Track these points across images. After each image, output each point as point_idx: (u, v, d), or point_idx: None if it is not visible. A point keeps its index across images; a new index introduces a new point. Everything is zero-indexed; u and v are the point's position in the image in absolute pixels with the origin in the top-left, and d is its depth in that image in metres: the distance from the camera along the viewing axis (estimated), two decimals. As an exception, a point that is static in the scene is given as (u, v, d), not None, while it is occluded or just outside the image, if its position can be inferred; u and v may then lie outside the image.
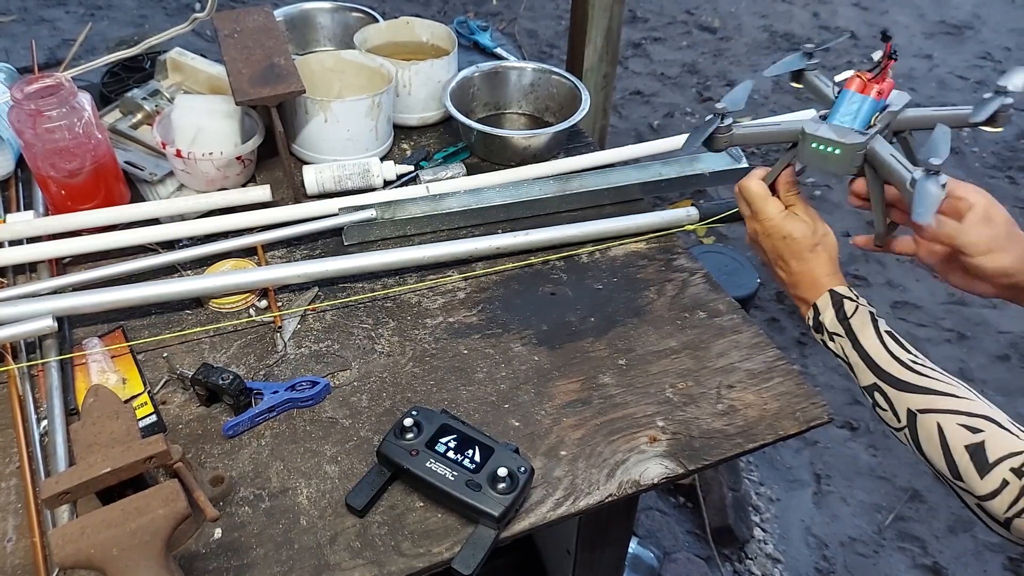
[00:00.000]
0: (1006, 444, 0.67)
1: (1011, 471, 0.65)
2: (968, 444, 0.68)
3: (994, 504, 0.66)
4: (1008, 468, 0.65)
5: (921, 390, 0.73)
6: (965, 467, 0.68)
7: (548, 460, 0.85)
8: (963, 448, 0.68)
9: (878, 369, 0.77)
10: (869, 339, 0.79)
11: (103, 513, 0.65)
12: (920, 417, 0.72)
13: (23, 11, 3.88)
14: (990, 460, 0.66)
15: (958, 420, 0.70)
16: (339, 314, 1.02)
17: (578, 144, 1.38)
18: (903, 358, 0.77)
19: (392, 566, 0.75)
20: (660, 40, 3.95)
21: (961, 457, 0.68)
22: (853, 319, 0.81)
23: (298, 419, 0.89)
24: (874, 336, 0.79)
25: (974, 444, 0.68)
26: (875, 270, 2.61)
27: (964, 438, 0.69)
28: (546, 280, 1.09)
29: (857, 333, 0.80)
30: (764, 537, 1.84)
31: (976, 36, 4.11)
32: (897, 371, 0.76)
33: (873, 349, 0.78)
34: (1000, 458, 0.66)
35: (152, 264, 1.02)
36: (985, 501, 0.66)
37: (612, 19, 1.89)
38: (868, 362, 0.78)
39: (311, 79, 1.25)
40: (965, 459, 0.68)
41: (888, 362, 0.77)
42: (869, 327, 0.80)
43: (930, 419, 0.71)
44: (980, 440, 0.68)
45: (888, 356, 0.77)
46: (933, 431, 0.71)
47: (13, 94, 1.01)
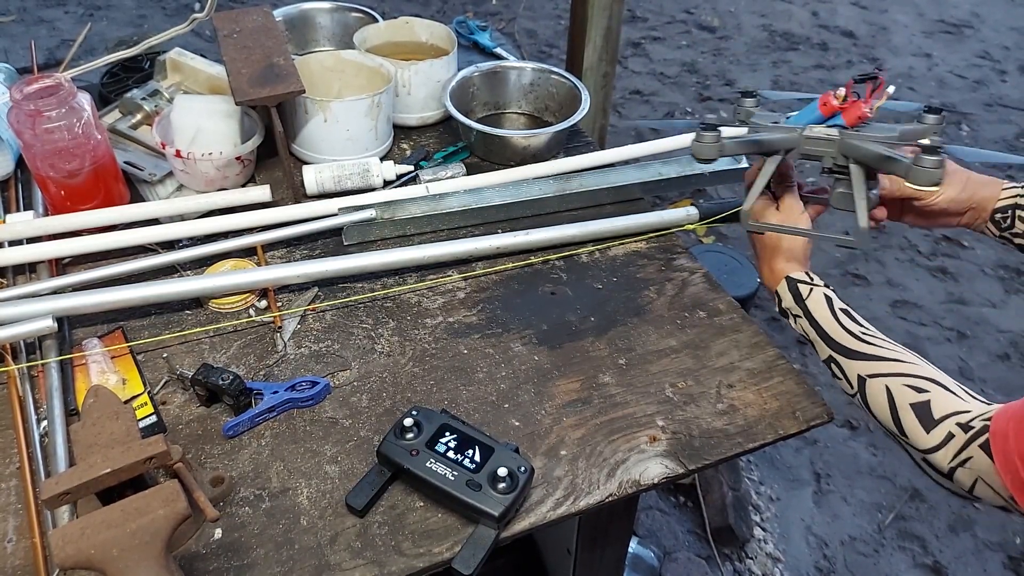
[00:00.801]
0: (950, 403, 0.72)
1: (957, 425, 0.70)
2: (913, 402, 0.74)
3: (938, 456, 0.71)
4: (955, 423, 0.70)
5: (869, 357, 0.80)
6: (910, 423, 0.73)
7: (548, 460, 0.85)
8: (908, 406, 0.74)
9: (832, 341, 0.84)
10: (823, 316, 0.86)
11: (103, 514, 0.65)
12: (869, 381, 0.79)
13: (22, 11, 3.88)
14: (935, 416, 0.72)
15: (904, 381, 0.76)
16: (339, 314, 1.02)
17: (578, 144, 1.38)
18: (854, 330, 0.84)
19: (392, 566, 0.75)
20: (659, 39, 3.95)
21: (906, 414, 0.74)
22: (808, 300, 0.89)
23: (298, 419, 0.89)
24: (828, 312, 0.86)
25: (919, 402, 0.74)
26: (875, 269, 2.61)
27: (910, 397, 0.75)
28: (546, 280, 1.09)
29: (812, 312, 0.88)
30: (764, 536, 1.84)
31: (975, 35, 4.11)
32: (848, 342, 0.83)
33: (827, 324, 0.86)
34: (945, 415, 0.72)
35: (152, 264, 1.02)
36: (929, 454, 0.72)
37: (611, 18, 1.89)
38: (823, 336, 0.86)
39: (311, 79, 1.25)
40: (910, 416, 0.74)
41: (840, 334, 0.84)
42: (823, 305, 0.87)
43: (878, 382, 0.78)
44: (925, 399, 0.73)
45: (840, 329, 0.84)
46: (881, 392, 0.77)
47: (12, 94, 1.01)
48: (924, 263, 2.66)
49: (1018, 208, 0.91)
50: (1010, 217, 0.91)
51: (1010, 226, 0.91)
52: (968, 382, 2.22)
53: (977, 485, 0.69)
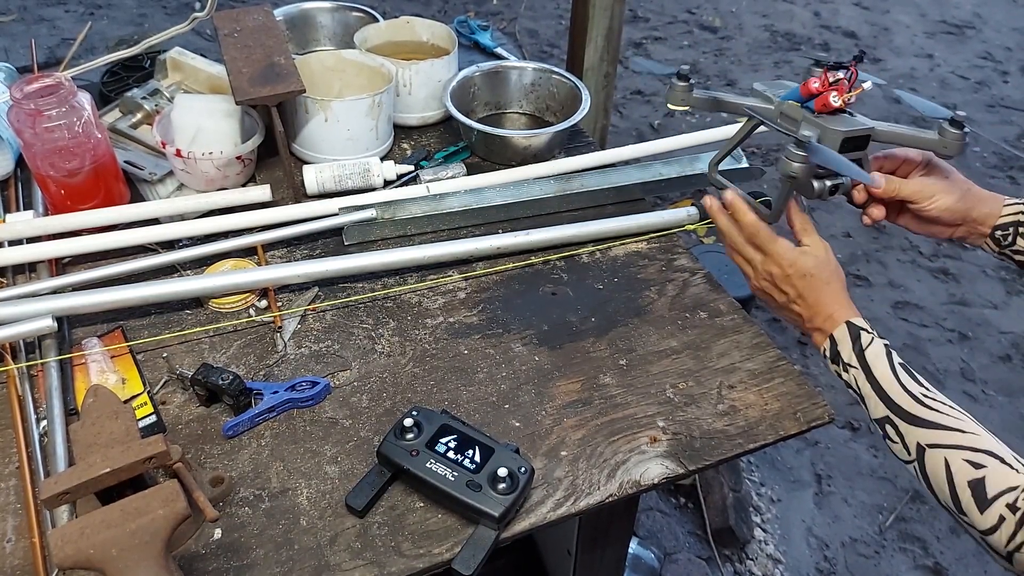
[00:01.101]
0: (1005, 479, 0.68)
1: (1006, 507, 0.66)
2: (971, 479, 0.69)
3: (994, 539, 0.67)
4: (1004, 504, 0.67)
5: (931, 424, 0.74)
6: (967, 502, 0.69)
7: (548, 460, 0.85)
8: (966, 483, 0.70)
9: (890, 402, 0.78)
10: (883, 372, 0.80)
11: (102, 513, 0.65)
12: (928, 451, 0.74)
13: (23, 10, 3.88)
14: (989, 496, 0.68)
15: (963, 456, 0.71)
16: (339, 314, 1.02)
17: (578, 144, 1.37)
18: (915, 392, 0.77)
19: (392, 567, 0.75)
20: (661, 40, 3.95)
21: (963, 492, 0.70)
22: (868, 351, 0.82)
23: (298, 419, 0.88)
24: (888, 369, 0.80)
25: (975, 479, 0.69)
26: (876, 270, 2.61)
27: (968, 473, 0.70)
28: (547, 280, 1.08)
29: (871, 366, 0.81)
30: (765, 538, 1.84)
31: (977, 36, 4.11)
32: (909, 405, 0.77)
33: (886, 382, 0.79)
34: (998, 493, 0.67)
35: (152, 264, 1.02)
36: (986, 536, 0.68)
37: (613, 19, 1.89)
38: (881, 395, 0.79)
39: (311, 79, 1.25)
40: (967, 494, 0.69)
41: (900, 395, 0.78)
42: (883, 360, 0.81)
43: (938, 454, 0.73)
44: (981, 476, 0.69)
45: (900, 389, 0.78)
46: (940, 466, 0.72)
47: (13, 94, 1.01)
48: (926, 264, 2.66)
49: (1020, 225, 0.89)
50: (1012, 235, 0.90)
51: (1011, 243, 0.90)
52: (969, 383, 2.22)
53: None
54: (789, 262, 0.88)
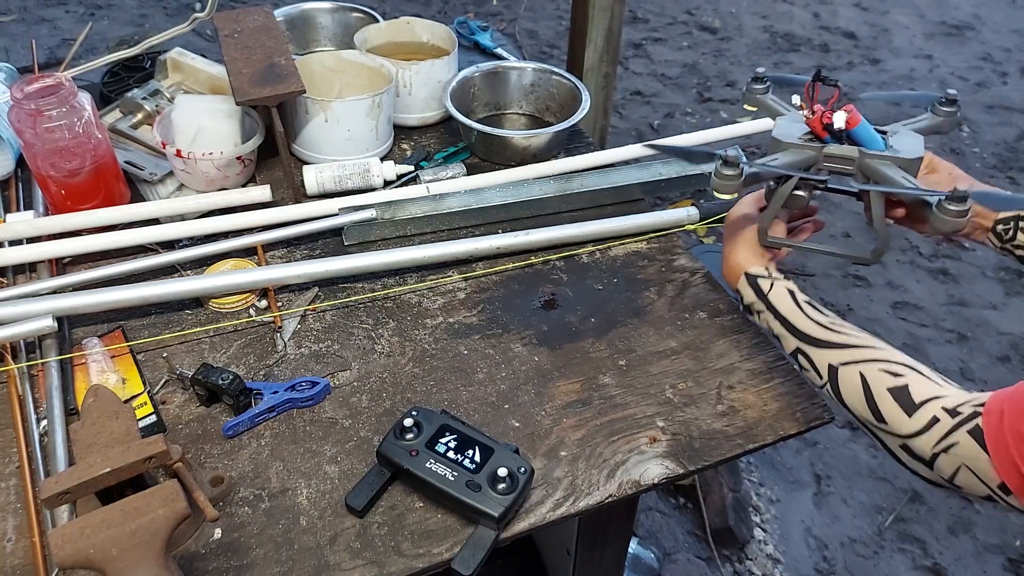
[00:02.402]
0: (929, 388, 0.71)
1: (943, 409, 0.68)
2: (891, 387, 0.72)
3: (920, 441, 0.69)
4: (940, 407, 0.69)
5: (840, 346, 0.79)
6: (889, 408, 0.72)
7: (548, 460, 0.85)
8: (886, 391, 0.72)
9: (798, 332, 0.83)
10: (788, 307, 0.85)
11: (103, 513, 0.65)
12: (841, 369, 0.77)
13: (23, 10, 3.88)
14: (916, 400, 0.70)
15: (879, 367, 0.74)
16: (339, 314, 1.02)
17: (578, 144, 1.37)
18: (821, 320, 0.82)
19: (392, 566, 0.75)
20: (661, 40, 3.95)
21: (883, 399, 0.72)
22: (771, 294, 0.87)
23: (298, 419, 0.89)
24: (792, 304, 0.85)
25: (897, 387, 0.72)
26: (875, 271, 2.61)
27: (887, 381, 0.73)
28: (546, 280, 1.08)
29: (776, 305, 0.86)
30: (764, 538, 1.84)
31: (977, 37, 4.11)
32: (816, 331, 0.82)
33: (792, 315, 0.84)
34: (926, 399, 0.70)
35: (152, 264, 1.02)
36: (910, 439, 0.70)
37: (612, 19, 1.89)
38: (789, 327, 0.84)
39: (311, 79, 1.25)
40: (888, 400, 0.72)
41: (806, 324, 0.83)
42: (787, 298, 0.86)
43: (851, 369, 0.76)
44: (903, 383, 0.72)
45: (806, 319, 0.83)
46: (855, 380, 0.75)
47: (13, 94, 1.01)
48: (925, 265, 2.66)
49: (1021, 220, 0.90)
50: (1012, 229, 0.90)
51: (1012, 238, 0.90)
52: (969, 383, 2.22)
53: (960, 473, 0.67)
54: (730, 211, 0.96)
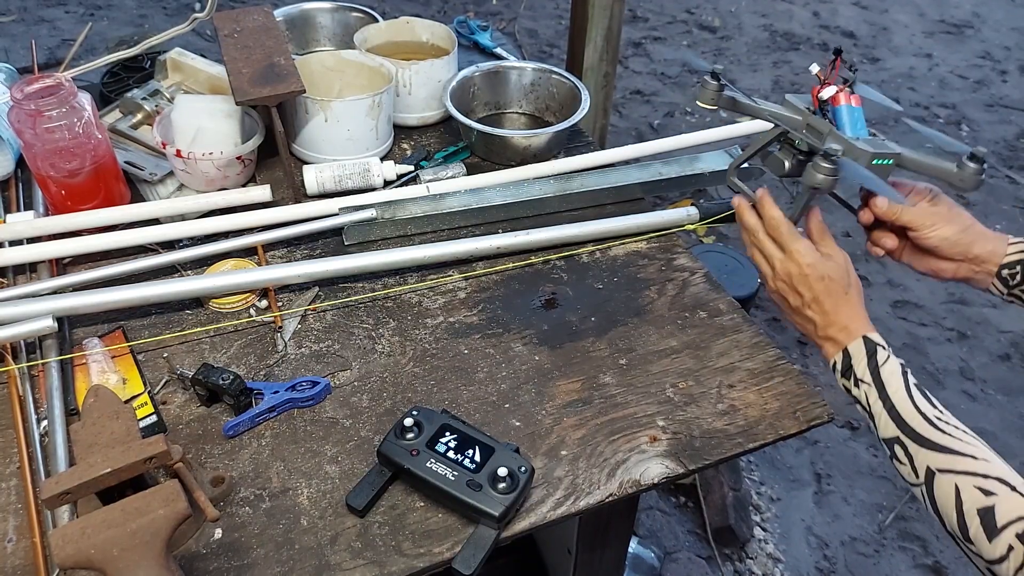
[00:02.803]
0: (1015, 508, 0.67)
1: (1016, 536, 0.65)
2: (980, 507, 0.68)
3: (1001, 569, 0.66)
4: (1013, 534, 0.65)
5: (943, 448, 0.73)
6: (975, 531, 0.68)
7: (549, 460, 0.85)
8: (975, 511, 0.68)
9: (903, 423, 0.76)
10: (897, 391, 0.78)
11: (103, 513, 0.65)
12: (938, 476, 0.72)
13: (23, 11, 3.88)
14: (998, 524, 0.66)
15: (974, 482, 0.70)
16: (339, 314, 1.02)
17: (578, 144, 1.37)
18: (929, 414, 0.76)
19: (393, 566, 0.75)
20: (660, 39, 3.95)
21: (972, 520, 0.68)
22: (883, 368, 0.80)
23: (298, 419, 0.89)
24: (903, 389, 0.78)
25: (985, 507, 0.68)
26: (875, 269, 2.61)
27: (977, 501, 0.69)
28: (546, 280, 1.09)
29: (886, 383, 0.79)
30: (765, 537, 1.84)
31: (976, 35, 4.11)
32: (921, 427, 0.75)
33: (900, 402, 0.77)
34: (1008, 522, 0.66)
35: (152, 264, 1.02)
36: (994, 565, 0.67)
37: (612, 19, 1.89)
38: (893, 415, 0.77)
39: (311, 79, 1.25)
40: (976, 523, 0.68)
41: (913, 417, 0.76)
42: (899, 379, 0.79)
43: (948, 479, 0.71)
44: (991, 504, 0.68)
45: (914, 410, 0.76)
46: (950, 492, 0.71)
47: (13, 94, 1.01)
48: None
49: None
50: (1019, 274, 0.87)
51: (1020, 283, 0.87)
52: (968, 382, 2.22)
53: None
54: (809, 262, 0.86)
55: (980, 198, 2.94)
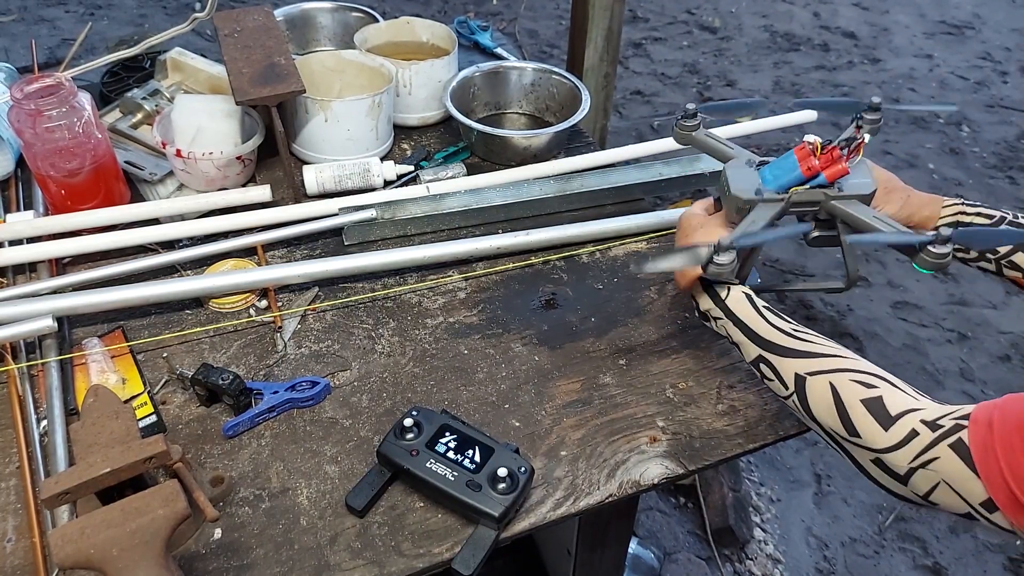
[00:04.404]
0: (905, 400, 0.67)
1: (922, 423, 0.65)
2: (864, 398, 0.68)
3: (896, 456, 0.66)
4: (918, 419, 0.65)
5: (806, 354, 0.74)
6: (862, 420, 0.68)
7: (548, 460, 0.85)
8: (859, 402, 0.68)
9: (760, 340, 0.78)
10: (747, 313, 0.81)
11: (103, 513, 0.65)
12: (809, 379, 0.73)
13: (23, 10, 3.88)
14: (892, 413, 0.67)
15: (850, 377, 0.70)
16: (339, 314, 1.02)
17: (578, 144, 1.37)
18: (784, 327, 0.78)
19: (392, 566, 0.75)
20: (661, 40, 3.95)
21: (856, 410, 0.68)
22: (728, 299, 0.83)
23: (298, 419, 0.89)
24: (752, 310, 0.81)
25: (871, 398, 0.68)
26: (875, 270, 2.61)
27: (859, 392, 0.69)
28: (546, 280, 1.08)
29: (734, 310, 0.82)
30: (765, 537, 1.84)
31: (977, 36, 4.11)
32: (780, 339, 0.77)
33: (753, 322, 0.80)
34: (903, 411, 0.66)
35: (152, 264, 1.02)
36: (887, 453, 0.66)
37: (612, 19, 1.89)
38: (750, 335, 0.79)
39: (311, 79, 1.25)
40: (861, 412, 0.68)
41: (769, 332, 0.78)
42: (745, 303, 0.82)
43: (821, 380, 0.72)
44: (877, 395, 0.68)
45: (768, 326, 0.78)
46: (825, 390, 0.71)
47: (13, 94, 1.01)
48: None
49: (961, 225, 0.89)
50: None
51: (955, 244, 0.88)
52: (968, 383, 2.22)
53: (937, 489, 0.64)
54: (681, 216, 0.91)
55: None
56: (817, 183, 0.83)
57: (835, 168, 0.82)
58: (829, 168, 0.82)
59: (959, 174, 3.08)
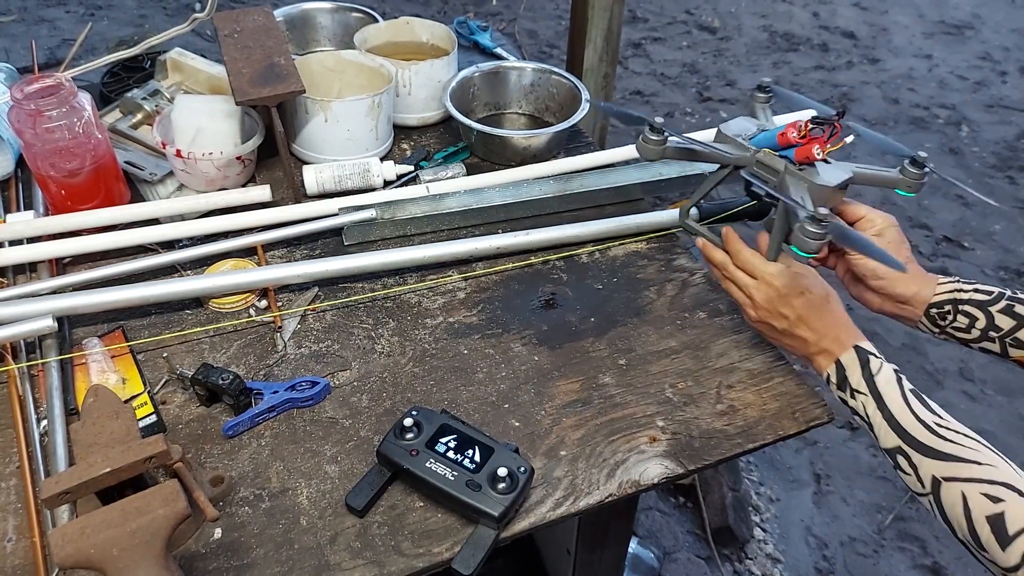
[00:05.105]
0: None
1: None
2: (989, 515, 0.67)
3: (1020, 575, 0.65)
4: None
5: (946, 456, 0.72)
6: (987, 539, 0.67)
7: (548, 460, 0.85)
8: (984, 519, 0.67)
9: (903, 432, 0.75)
10: (894, 400, 0.77)
11: (103, 513, 0.65)
12: (944, 485, 0.71)
13: (23, 11, 3.88)
14: (1010, 532, 0.65)
15: (980, 489, 0.69)
16: (339, 314, 1.02)
17: (578, 144, 1.38)
18: (929, 421, 0.75)
19: (392, 566, 0.75)
20: (660, 40, 3.96)
21: (982, 528, 0.67)
22: (878, 377, 0.79)
23: (298, 419, 0.89)
24: (899, 397, 0.77)
25: (994, 515, 0.67)
26: (875, 270, 2.61)
27: (985, 508, 0.68)
28: (546, 280, 1.09)
29: (882, 393, 0.78)
30: (764, 537, 1.84)
31: (976, 36, 4.11)
32: (922, 435, 0.74)
33: (898, 411, 0.76)
34: (1019, 530, 0.65)
35: (152, 264, 1.02)
36: (1011, 574, 0.66)
37: (612, 19, 1.89)
38: (893, 424, 0.76)
39: (311, 79, 1.25)
40: (986, 530, 0.67)
41: (913, 425, 0.75)
42: (895, 387, 0.78)
43: (954, 488, 0.70)
44: (1000, 511, 0.67)
45: (913, 419, 0.75)
46: (957, 500, 0.70)
47: (13, 94, 1.01)
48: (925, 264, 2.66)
49: (959, 303, 0.87)
50: (950, 313, 0.88)
51: (951, 322, 0.87)
52: (968, 383, 2.22)
53: None
54: (784, 283, 0.85)
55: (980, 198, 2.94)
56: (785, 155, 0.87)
57: (806, 148, 0.84)
58: (802, 147, 0.85)
59: (958, 174, 3.09)
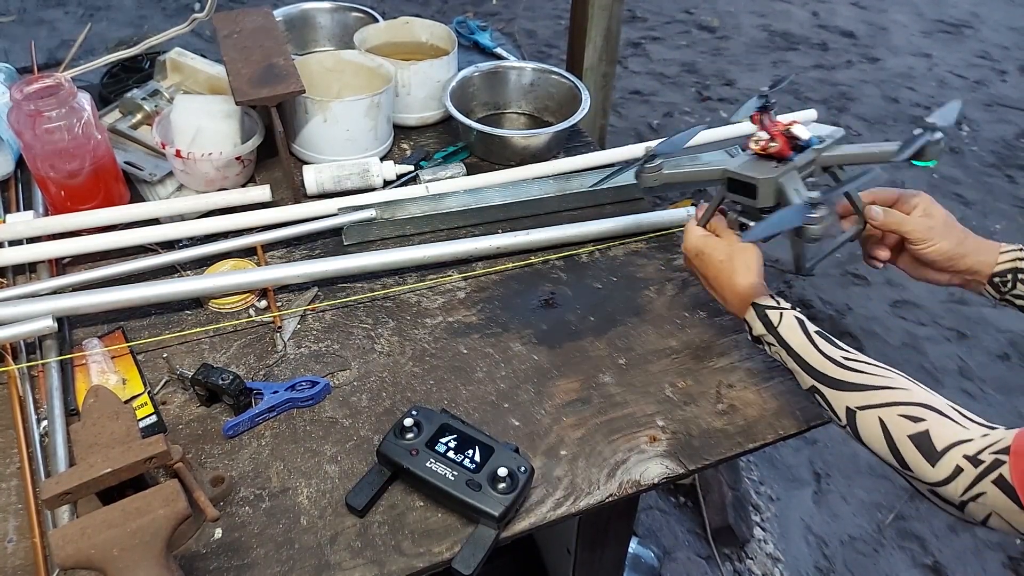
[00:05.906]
0: (950, 431, 0.68)
1: (964, 458, 0.66)
2: (911, 434, 0.70)
3: (948, 490, 0.67)
4: (961, 455, 0.66)
5: (856, 387, 0.75)
6: (912, 457, 0.69)
7: (548, 460, 0.85)
8: (906, 438, 0.70)
9: (812, 371, 0.78)
10: (800, 344, 0.81)
11: (103, 513, 0.65)
12: (859, 414, 0.74)
13: (22, 12, 3.88)
14: (938, 448, 0.68)
15: (897, 411, 0.71)
16: (339, 314, 1.02)
17: (578, 144, 1.38)
18: (835, 356, 0.78)
19: (392, 566, 0.75)
20: (659, 39, 3.96)
21: (905, 446, 0.70)
22: (780, 327, 0.83)
23: (298, 419, 0.89)
24: (804, 339, 0.81)
25: (917, 433, 0.69)
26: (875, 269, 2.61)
27: (906, 428, 0.70)
28: (546, 280, 1.09)
29: (787, 339, 0.82)
30: (764, 536, 1.84)
31: (975, 35, 4.11)
32: (831, 371, 0.77)
33: (805, 352, 0.80)
34: (948, 446, 0.67)
35: (152, 264, 1.02)
36: (938, 487, 0.68)
37: (611, 19, 1.89)
38: (803, 365, 0.80)
39: (310, 79, 1.25)
40: (910, 448, 0.69)
41: (821, 363, 0.78)
42: (798, 331, 0.82)
43: (871, 415, 0.73)
44: (924, 429, 0.69)
45: (821, 356, 0.78)
46: (875, 426, 0.72)
47: (13, 95, 1.01)
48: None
49: (1019, 272, 0.88)
50: (1011, 281, 0.89)
51: (1011, 289, 0.88)
52: (967, 382, 2.22)
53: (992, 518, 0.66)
54: (687, 243, 0.92)
55: (979, 197, 2.94)
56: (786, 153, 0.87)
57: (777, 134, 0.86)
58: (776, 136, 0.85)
59: (958, 173, 3.09)
